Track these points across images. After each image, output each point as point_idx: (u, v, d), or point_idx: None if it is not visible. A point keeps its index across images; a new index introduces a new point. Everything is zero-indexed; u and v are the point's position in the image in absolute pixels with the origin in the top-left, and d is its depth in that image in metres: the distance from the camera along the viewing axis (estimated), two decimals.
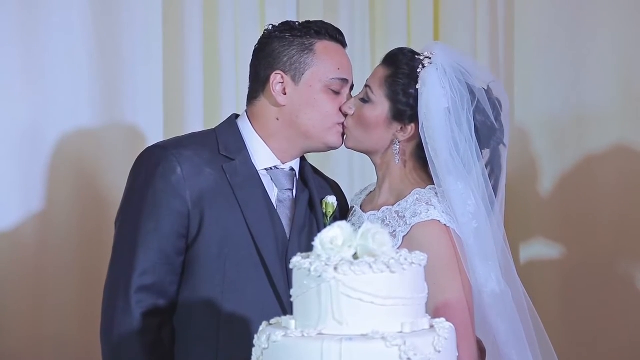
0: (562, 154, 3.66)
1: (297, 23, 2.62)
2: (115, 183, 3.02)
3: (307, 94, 2.56)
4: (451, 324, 2.00)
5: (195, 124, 3.34)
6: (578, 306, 3.63)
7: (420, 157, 2.57)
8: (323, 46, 2.58)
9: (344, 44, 2.63)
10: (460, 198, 2.51)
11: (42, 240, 3.18)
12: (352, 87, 2.64)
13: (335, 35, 2.60)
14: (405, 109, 2.55)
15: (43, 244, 3.18)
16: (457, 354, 2.02)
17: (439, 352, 1.93)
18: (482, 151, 2.58)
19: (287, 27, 2.60)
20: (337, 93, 2.58)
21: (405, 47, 2.68)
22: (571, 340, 3.55)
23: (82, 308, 3.16)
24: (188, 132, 3.01)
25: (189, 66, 3.39)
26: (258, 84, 2.61)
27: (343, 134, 2.60)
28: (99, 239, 3.09)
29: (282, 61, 2.56)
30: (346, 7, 3.61)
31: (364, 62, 3.57)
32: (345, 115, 2.59)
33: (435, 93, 2.53)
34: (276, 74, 2.56)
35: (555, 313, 3.56)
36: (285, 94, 2.57)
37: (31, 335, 3.16)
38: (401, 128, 2.56)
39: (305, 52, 2.56)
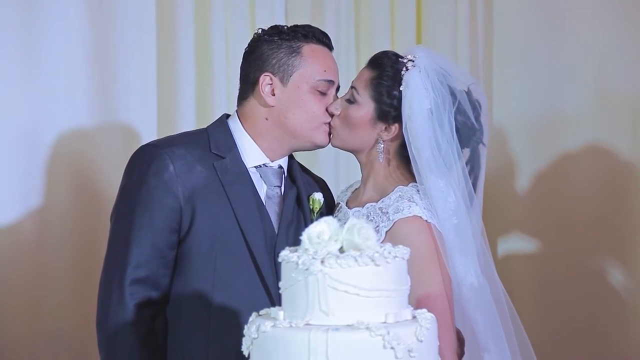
0: (538, 154, 3.67)
1: (285, 27, 2.62)
2: (111, 180, 3.01)
3: (295, 95, 2.56)
4: (432, 315, 2.01)
5: (188, 123, 3.33)
6: (553, 298, 3.64)
7: (403, 156, 2.57)
8: (310, 49, 2.57)
9: (330, 47, 2.63)
10: (441, 195, 2.51)
11: (40, 237, 3.18)
12: (338, 88, 2.63)
13: (322, 38, 2.60)
14: (389, 110, 2.55)
15: (41, 240, 3.18)
16: (438, 344, 2.03)
17: (421, 341, 1.93)
18: (463, 150, 2.57)
19: (275, 31, 2.59)
20: (323, 94, 2.57)
21: (390, 51, 2.67)
22: (546, 330, 3.55)
23: (79, 302, 3.15)
24: (180, 132, 3.02)
25: (182, 68, 3.38)
26: (248, 85, 2.60)
27: (329, 133, 2.60)
28: (96, 235, 3.08)
29: (270, 63, 2.56)
30: (332, 10, 3.60)
31: (349, 63, 3.56)
32: (332, 115, 2.59)
33: (418, 94, 2.53)
34: (265, 75, 2.56)
35: (531, 305, 3.57)
36: (273, 94, 2.56)
37: (30, 328, 3.16)
38: (385, 128, 2.57)
39: (293, 54, 2.56)
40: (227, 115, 2.66)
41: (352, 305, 1.93)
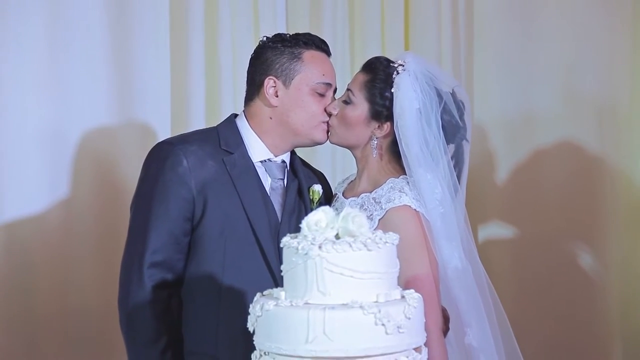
0: (514, 149, 3.66)
1: (287, 35, 2.61)
2: (130, 174, 3.01)
3: (296, 96, 2.55)
4: (419, 295, 2.01)
5: (198, 122, 3.31)
6: (528, 279, 3.64)
7: (394, 152, 2.56)
8: (310, 55, 2.56)
9: (328, 53, 2.62)
10: (428, 187, 2.50)
11: (66, 225, 3.18)
12: (335, 90, 2.63)
13: (321, 45, 2.59)
14: (381, 110, 2.55)
15: (68, 228, 3.18)
16: (424, 320, 2.03)
17: (409, 318, 1.94)
18: (448, 146, 2.56)
19: (279, 39, 2.59)
20: (322, 95, 2.56)
21: (381, 56, 2.65)
22: (522, 308, 3.55)
23: (102, 283, 3.14)
24: (192, 130, 3.02)
25: (193, 72, 3.36)
26: (254, 87, 2.59)
27: (327, 131, 2.59)
28: (117, 223, 3.07)
29: (274, 68, 2.55)
30: (329, 19, 3.57)
31: (344, 67, 3.54)
32: (330, 115, 2.58)
33: (408, 96, 2.52)
34: (269, 79, 2.55)
35: (509, 285, 3.56)
36: (277, 96, 2.55)
37: (58, 307, 3.16)
38: (378, 126, 2.56)
39: (295, 60, 2.55)
40: (235, 115, 2.65)
41: (347, 286, 1.94)
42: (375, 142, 2.56)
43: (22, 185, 3.11)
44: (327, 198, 2.68)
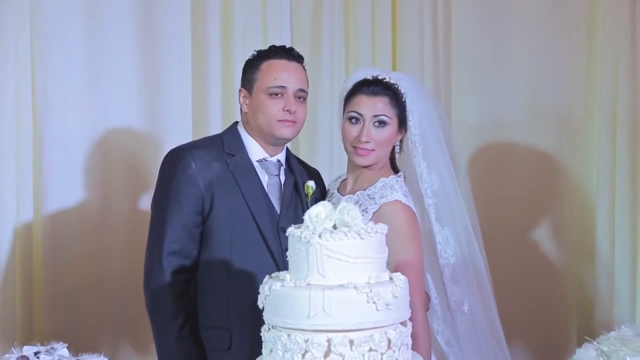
0: (485, 150, 3.65)
1: (260, 50, 2.54)
2: (156, 173, 2.98)
3: (256, 102, 2.50)
4: (405, 277, 2.01)
5: (215, 127, 3.30)
6: (497, 264, 3.62)
7: (390, 153, 2.52)
8: (266, 64, 2.50)
9: (290, 58, 2.51)
10: (428, 178, 2.50)
11: (102, 217, 3.20)
12: (306, 93, 2.52)
13: (278, 52, 2.51)
14: (404, 118, 2.50)
15: (103, 219, 3.20)
16: (410, 299, 2.03)
17: (396, 297, 1.94)
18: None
19: (253, 55, 2.55)
20: (279, 96, 2.48)
21: (375, 78, 2.52)
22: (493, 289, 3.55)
23: (131, 268, 3.13)
24: (211, 134, 3.01)
25: (210, 85, 3.36)
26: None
27: (289, 127, 2.49)
28: (144, 217, 3.04)
29: (244, 80, 2.54)
30: (328, 40, 3.55)
31: (340, 80, 3.52)
32: (360, 142, 2.46)
33: (416, 98, 2.50)
34: (240, 90, 2.54)
35: None
36: (246, 104, 2.52)
37: (94, 287, 3.18)
38: (401, 132, 2.51)
39: (254, 71, 2.51)
40: (237, 122, 2.61)
41: (343, 270, 1.94)
42: (398, 146, 2.51)
43: (63, 182, 3.13)
44: (321, 192, 2.64)
